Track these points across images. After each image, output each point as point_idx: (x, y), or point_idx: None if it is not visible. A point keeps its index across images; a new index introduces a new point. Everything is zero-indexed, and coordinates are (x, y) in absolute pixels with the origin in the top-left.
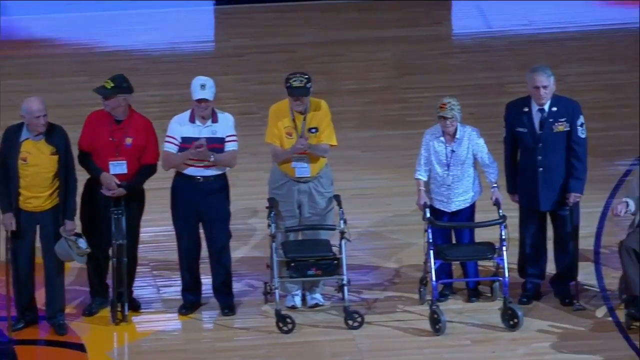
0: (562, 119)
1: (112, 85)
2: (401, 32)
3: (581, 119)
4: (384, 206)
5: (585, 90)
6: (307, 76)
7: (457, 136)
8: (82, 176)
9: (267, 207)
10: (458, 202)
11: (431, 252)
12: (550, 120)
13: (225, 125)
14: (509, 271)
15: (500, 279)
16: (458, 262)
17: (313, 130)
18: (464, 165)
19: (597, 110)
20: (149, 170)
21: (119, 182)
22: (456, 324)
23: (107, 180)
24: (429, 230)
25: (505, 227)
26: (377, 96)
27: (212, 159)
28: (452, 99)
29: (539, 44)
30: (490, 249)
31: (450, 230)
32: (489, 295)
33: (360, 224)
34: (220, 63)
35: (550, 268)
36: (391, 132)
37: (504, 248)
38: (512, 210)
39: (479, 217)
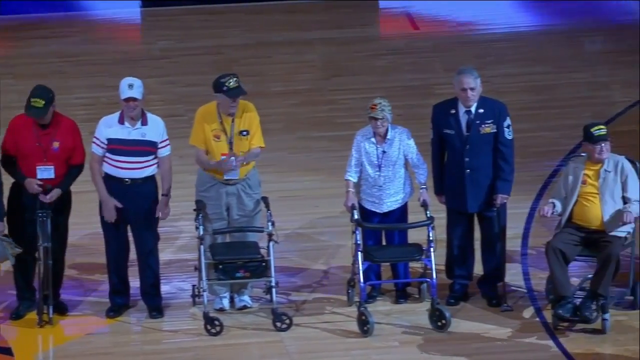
0: (489, 121)
1: (43, 102)
2: (328, 33)
3: (508, 121)
4: (312, 208)
5: (512, 91)
6: (236, 77)
7: (388, 137)
8: (7, 179)
9: (194, 210)
10: (389, 203)
11: (359, 253)
12: (477, 122)
13: (155, 128)
14: (437, 272)
15: (428, 280)
16: (388, 264)
17: (244, 132)
18: (395, 166)
19: (523, 112)
20: (77, 170)
21: (42, 186)
22: (384, 325)
23: (30, 186)
24: (357, 232)
25: (433, 228)
26: (304, 98)
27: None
28: (382, 100)
29: (465, 45)
30: (418, 251)
31: (381, 232)
32: (417, 296)
33: (288, 226)
34: (147, 65)
35: (478, 269)
36: (319, 134)
37: (432, 249)
38: (440, 212)
39: (412, 218)
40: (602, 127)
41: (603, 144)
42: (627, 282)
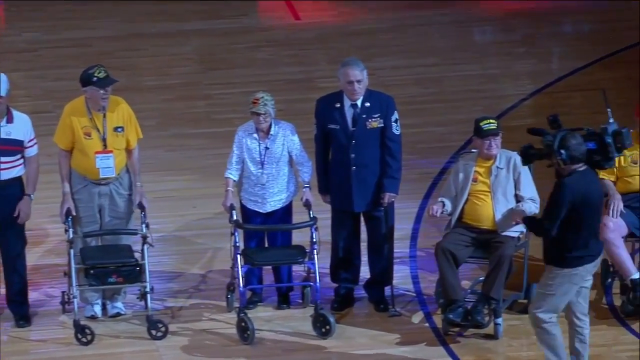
0: (376, 115)
1: None
2: (204, 24)
3: (395, 115)
4: (189, 209)
5: (399, 84)
6: (104, 67)
7: (272, 133)
8: None
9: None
10: (273, 203)
11: (238, 256)
12: (364, 116)
13: (22, 126)
14: (321, 276)
15: (311, 284)
16: (271, 268)
17: (119, 129)
18: (278, 163)
19: (411, 106)
20: None
21: None
22: (266, 332)
23: None
24: (236, 234)
25: (316, 229)
26: (180, 93)
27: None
28: (265, 94)
29: (350, 36)
30: (300, 253)
31: (264, 233)
32: (301, 301)
33: (163, 228)
34: (10, 58)
35: (364, 272)
36: (196, 131)
37: (315, 251)
38: (325, 212)
39: (297, 218)
40: (491, 121)
41: (492, 139)
42: (521, 285)
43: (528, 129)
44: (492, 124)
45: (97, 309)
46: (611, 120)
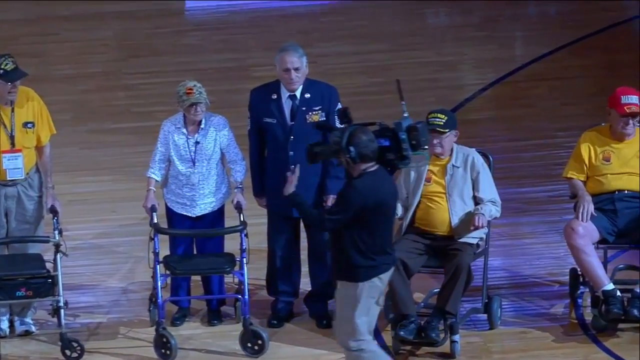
0: (317, 108)
1: None
2: (124, 6)
3: (339, 107)
4: (108, 214)
5: (343, 73)
6: (13, 58)
7: (202, 127)
8: None
9: None
10: (203, 205)
11: (157, 265)
12: (303, 108)
13: None
14: (257, 288)
15: (239, 297)
16: (200, 279)
17: (29, 125)
18: (210, 161)
19: (357, 97)
20: None
21: None
22: (192, 352)
23: None
24: (156, 239)
25: (246, 235)
26: (97, 83)
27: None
28: (196, 82)
29: (287, 19)
30: (228, 262)
31: (192, 240)
32: (234, 316)
33: (79, 235)
34: None
35: (305, 284)
36: (115, 126)
37: (245, 260)
38: (262, 217)
39: (230, 223)
40: (440, 115)
41: (434, 136)
42: (480, 298)
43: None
44: (437, 119)
45: (4, 326)
46: (405, 115)
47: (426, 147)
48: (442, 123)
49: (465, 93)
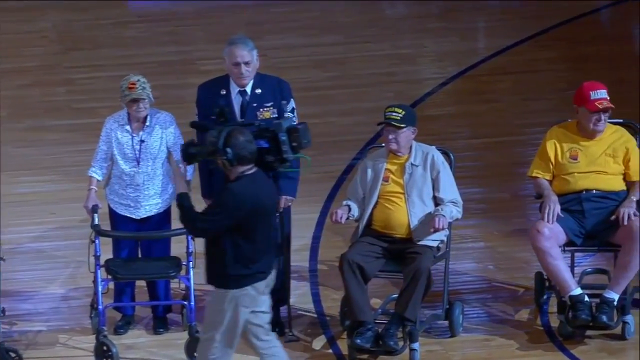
0: (269, 104)
1: None
2: None
3: (292, 103)
4: (47, 216)
5: (294, 67)
6: None
7: (147, 124)
8: None
9: None
10: (148, 207)
11: (98, 269)
12: (254, 105)
13: None
14: (203, 294)
15: (185, 303)
16: (145, 284)
17: None
18: (155, 160)
19: (310, 92)
20: None
21: None
22: None
23: None
24: (97, 241)
25: (193, 238)
26: (35, 77)
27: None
28: (140, 77)
29: (236, 10)
30: (173, 266)
31: (137, 243)
32: (182, 324)
33: (16, 239)
34: None
35: None
36: (54, 123)
37: (191, 264)
38: None
39: (176, 225)
40: (397, 110)
41: (389, 131)
42: (441, 304)
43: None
44: (394, 113)
45: None
46: (288, 114)
47: (307, 147)
48: (398, 118)
49: (425, 88)
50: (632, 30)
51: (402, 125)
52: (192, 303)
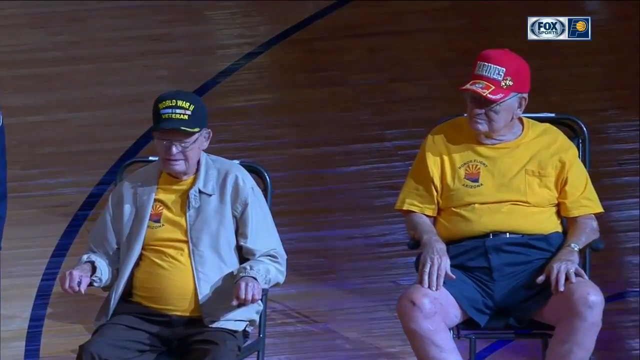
0: None
1: None
2: None
3: None
4: None
5: None
6: None
7: None
8: None
9: None
10: None
11: None
12: None
13: None
14: None
15: None
16: None
17: None
18: None
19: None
20: None
21: None
22: None
23: None
24: None
25: None
26: None
27: None
28: None
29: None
30: None
31: None
32: None
33: None
34: None
35: None
36: None
37: None
38: None
39: None
40: (180, 101)
41: (167, 139)
42: None
43: None
44: (176, 109)
45: None
46: None
47: None
48: (186, 117)
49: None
50: None
51: (194, 130)
52: None
